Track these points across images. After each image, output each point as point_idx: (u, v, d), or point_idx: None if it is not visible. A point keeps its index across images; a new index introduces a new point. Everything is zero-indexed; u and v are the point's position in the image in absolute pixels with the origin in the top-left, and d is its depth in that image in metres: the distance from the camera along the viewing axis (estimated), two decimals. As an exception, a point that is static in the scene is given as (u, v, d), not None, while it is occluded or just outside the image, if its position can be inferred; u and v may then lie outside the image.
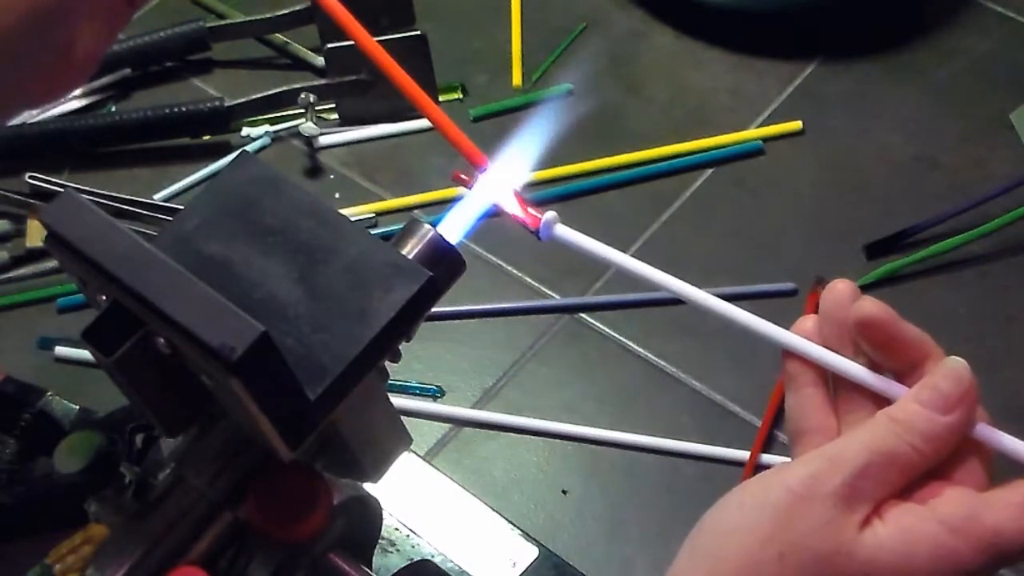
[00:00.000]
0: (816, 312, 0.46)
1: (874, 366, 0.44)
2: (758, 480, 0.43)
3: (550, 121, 0.49)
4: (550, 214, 0.46)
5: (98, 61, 0.53)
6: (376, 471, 0.51)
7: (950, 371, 0.43)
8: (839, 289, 0.45)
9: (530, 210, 0.47)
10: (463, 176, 0.47)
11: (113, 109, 0.93)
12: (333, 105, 0.91)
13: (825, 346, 0.45)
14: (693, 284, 0.81)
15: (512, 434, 0.77)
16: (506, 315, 0.82)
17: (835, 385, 0.46)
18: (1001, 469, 0.43)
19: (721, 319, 0.47)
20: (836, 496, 0.41)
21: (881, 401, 0.44)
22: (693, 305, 0.47)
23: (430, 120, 0.49)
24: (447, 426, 0.77)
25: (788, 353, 0.46)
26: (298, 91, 0.88)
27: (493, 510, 0.72)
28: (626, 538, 0.72)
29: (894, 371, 0.44)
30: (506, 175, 0.47)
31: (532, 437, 0.77)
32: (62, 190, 0.45)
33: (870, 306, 0.43)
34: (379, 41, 0.91)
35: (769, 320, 0.79)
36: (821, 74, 0.93)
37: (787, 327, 0.83)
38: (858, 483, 0.41)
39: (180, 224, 0.46)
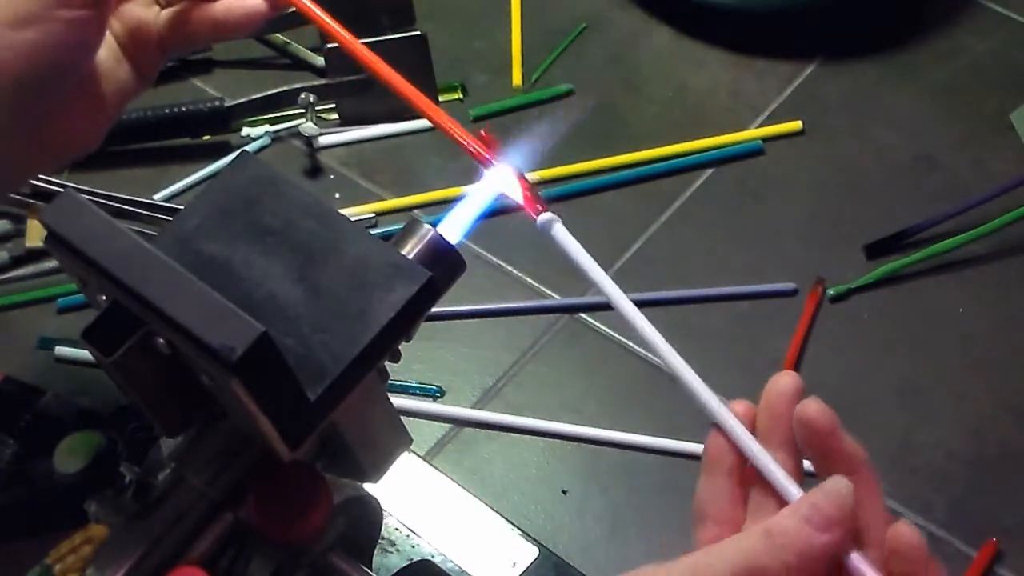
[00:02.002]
0: (814, 312, 0.46)
1: (799, 464, 0.44)
2: None
3: (550, 121, 0.50)
4: (550, 214, 0.47)
5: (82, 149, 0.53)
6: (376, 471, 0.51)
7: (833, 491, 0.41)
8: (783, 383, 0.44)
9: (536, 203, 0.47)
10: (485, 136, 0.47)
11: (113, 109, 0.93)
12: (333, 105, 0.91)
13: (753, 434, 0.44)
14: (693, 284, 0.82)
15: (512, 434, 0.77)
16: (506, 315, 0.82)
17: (750, 478, 0.45)
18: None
19: (673, 374, 0.46)
20: None
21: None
22: (657, 354, 0.47)
23: (431, 122, 0.49)
24: (447, 426, 0.77)
25: (715, 432, 0.45)
26: (298, 91, 0.88)
27: (493, 510, 0.72)
28: (626, 538, 0.72)
29: (820, 477, 0.43)
30: (514, 163, 0.47)
31: (532, 437, 0.77)
32: (62, 190, 0.45)
33: (814, 409, 0.43)
34: (379, 41, 0.91)
35: (769, 320, 0.80)
36: (821, 74, 0.93)
37: (786, 327, 0.82)
38: None
39: (180, 224, 0.46)
